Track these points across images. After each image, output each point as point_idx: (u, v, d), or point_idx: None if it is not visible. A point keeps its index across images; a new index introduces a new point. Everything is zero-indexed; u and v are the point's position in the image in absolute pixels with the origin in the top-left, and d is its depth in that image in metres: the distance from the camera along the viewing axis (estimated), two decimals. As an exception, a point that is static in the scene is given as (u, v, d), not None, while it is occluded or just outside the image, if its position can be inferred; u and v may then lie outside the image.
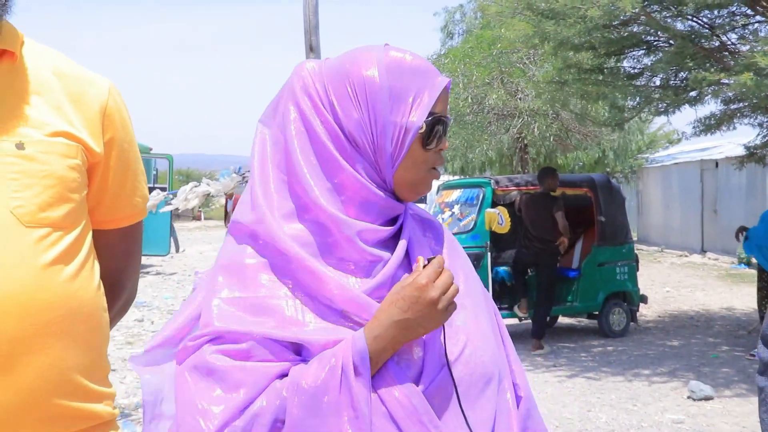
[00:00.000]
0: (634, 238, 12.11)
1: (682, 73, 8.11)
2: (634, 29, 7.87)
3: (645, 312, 10.01)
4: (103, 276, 1.48)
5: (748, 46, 7.27)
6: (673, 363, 7.31)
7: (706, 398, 6.02)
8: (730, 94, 7.75)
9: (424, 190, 1.32)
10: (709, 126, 8.80)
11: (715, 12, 7.67)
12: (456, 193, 8.94)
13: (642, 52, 8.39)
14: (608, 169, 21.43)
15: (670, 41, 7.69)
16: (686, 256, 17.89)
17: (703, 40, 7.58)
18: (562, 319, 9.62)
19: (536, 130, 14.49)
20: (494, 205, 8.41)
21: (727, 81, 6.73)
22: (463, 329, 1.28)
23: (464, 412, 1.22)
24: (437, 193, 9.51)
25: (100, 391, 1.42)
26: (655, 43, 8.20)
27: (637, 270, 8.96)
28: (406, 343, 1.20)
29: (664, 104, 8.31)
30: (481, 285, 1.42)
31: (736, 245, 13.62)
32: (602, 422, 5.55)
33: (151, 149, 16.95)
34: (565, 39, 7.58)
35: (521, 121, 14.08)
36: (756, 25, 7.89)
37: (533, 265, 8.30)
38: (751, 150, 9.81)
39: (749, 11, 7.64)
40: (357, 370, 1.14)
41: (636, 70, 8.58)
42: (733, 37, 7.91)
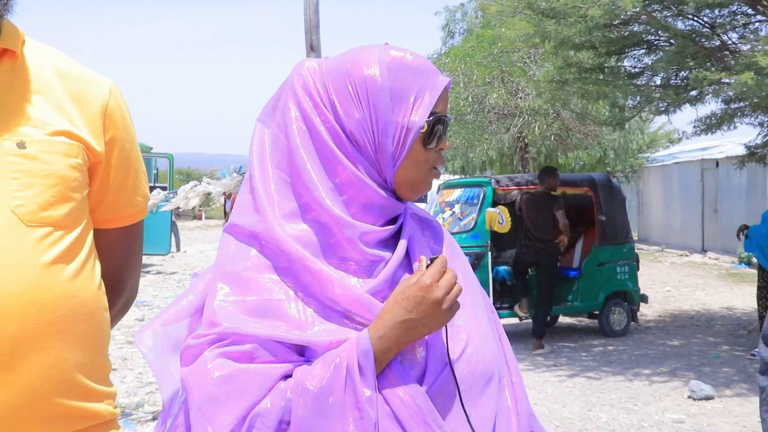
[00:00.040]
0: (635, 238, 12.11)
1: (683, 73, 8.11)
2: (635, 28, 7.87)
3: (645, 311, 10.01)
4: (104, 275, 1.48)
5: (749, 46, 7.27)
6: (673, 362, 7.31)
7: (707, 398, 6.02)
8: (731, 94, 7.75)
9: (425, 189, 1.32)
10: (710, 125, 8.81)
11: (716, 11, 7.66)
12: (456, 193, 8.93)
13: (643, 51, 8.38)
14: (609, 169, 21.41)
15: (671, 40, 7.68)
16: (687, 256, 17.89)
17: (704, 40, 7.58)
18: (563, 319, 9.62)
19: (537, 130, 14.48)
20: (495, 204, 8.41)
21: (727, 80, 6.72)
22: (464, 328, 1.28)
23: (466, 411, 1.22)
24: (438, 192, 9.50)
25: (101, 390, 1.42)
26: (655, 43, 8.19)
27: (638, 269, 8.96)
28: (410, 343, 1.20)
29: (665, 103, 8.31)
30: (478, 283, 1.42)
31: (737, 245, 13.62)
32: (603, 422, 5.54)
33: (152, 148, 16.94)
34: (566, 38, 7.58)
35: (522, 121, 14.07)
36: (757, 24, 7.89)
37: (534, 265, 8.29)
38: (752, 149, 9.81)
39: (750, 10, 7.64)
40: (362, 371, 1.13)
41: (637, 70, 8.57)
42: (734, 36, 7.92)
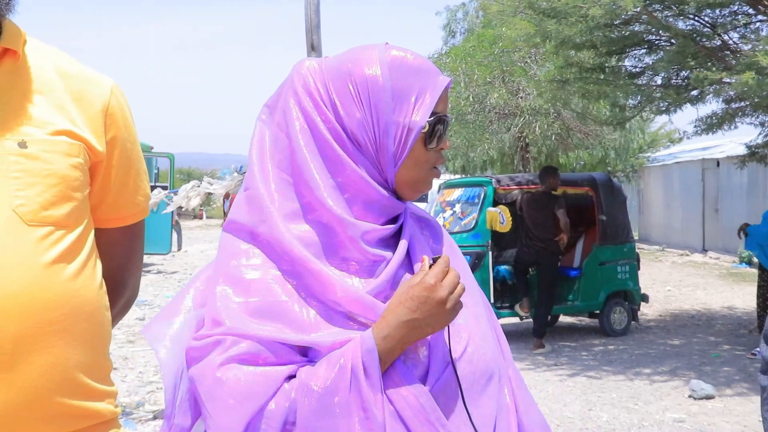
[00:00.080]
0: (636, 237, 12.10)
1: (684, 72, 8.11)
2: (636, 28, 7.87)
3: (646, 311, 10.01)
4: (105, 275, 1.48)
5: (750, 45, 7.27)
6: (674, 362, 7.31)
7: (707, 397, 6.02)
8: (732, 93, 7.75)
9: (425, 188, 1.32)
10: (711, 125, 8.81)
11: (717, 11, 7.66)
12: (457, 192, 8.93)
13: (643, 51, 8.38)
14: (609, 168, 21.40)
15: (672, 40, 7.68)
16: (687, 255, 17.88)
17: (705, 39, 7.58)
18: (564, 318, 9.62)
19: (537, 129, 14.47)
20: (495, 204, 8.41)
21: (728, 80, 6.72)
22: (464, 327, 1.28)
23: (468, 410, 1.22)
24: (438, 191, 9.50)
25: (102, 389, 1.42)
26: (656, 42, 8.19)
27: (639, 269, 8.96)
28: (413, 343, 1.20)
29: (666, 103, 8.31)
30: (475, 282, 1.42)
31: (738, 244, 13.63)
32: (603, 421, 5.54)
33: (152, 148, 16.95)
34: (567, 38, 7.58)
35: (522, 120, 14.07)
36: (758, 24, 7.89)
37: (534, 264, 8.29)
38: (753, 149, 9.81)
39: (751, 10, 7.64)
40: (366, 371, 1.13)
41: (637, 69, 8.57)
42: (735, 36, 7.92)
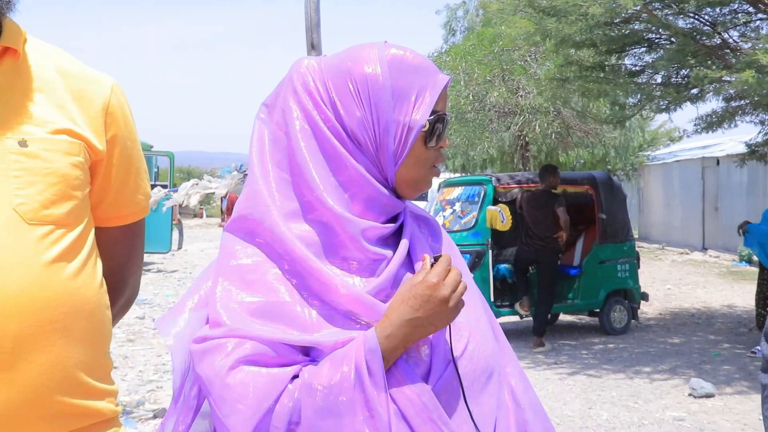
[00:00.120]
0: (635, 236, 12.10)
1: (684, 71, 8.11)
2: (636, 27, 7.87)
3: (646, 309, 10.01)
4: (106, 273, 1.48)
5: (750, 44, 7.27)
6: (674, 360, 7.31)
7: (707, 395, 6.02)
8: (732, 92, 7.75)
9: (425, 187, 1.32)
10: (711, 123, 8.81)
11: (717, 9, 7.66)
12: (457, 191, 8.93)
13: (643, 49, 8.38)
14: (609, 167, 21.40)
15: (672, 39, 7.68)
16: (687, 254, 17.89)
17: (705, 38, 7.57)
18: (563, 317, 9.62)
19: (537, 128, 14.47)
20: (495, 202, 8.41)
21: (728, 78, 6.72)
22: (465, 325, 1.28)
23: (469, 408, 1.22)
24: (438, 190, 9.50)
25: (102, 388, 1.42)
26: (656, 41, 8.19)
27: (638, 267, 8.96)
28: (415, 341, 1.20)
29: (666, 102, 8.31)
30: (472, 279, 1.42)
31: (738, 243, 13.63)
32: (603, 419, 5.55)
33: (152, 147, 16.96)
34: (567, 36, 7.58)
35: (522, 119, 14.07)
36: (757, 22, 7.88)
37: (534, 263, 8.29)
38: (753, 147, 9.81)
39: (751, 9, 7.64)
40: (370, 370, 1.13)
41: (637, 68, 8.57)
42: (735, 34, 7.91)
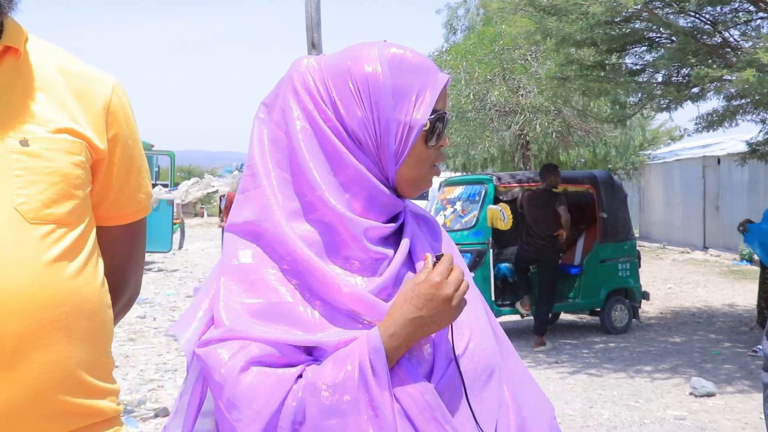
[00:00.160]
0: (636, 235, 12.10)
1: (684, 70, 8.10)
2: (636, 26, 7.87)
3: (647, 309, 10.01)
4: (107, 273, 1.47)
5: (751, 43, 7.27)
6: (675, 359, 7.31)
7: (708, 395, 6.02)
8: (733, 91, 7.74)
9: (426, 186, 1.32)
10: (712, 122, 8.80)
11: (718, 8, 7.66)
12: (458, 190, 8.93)
13: (644, 48, 8.38)
14: (610, 166, 21.40)
15: (673, 38, 7.67)
16: (688, 253, 17.89)
17: (706, 37, 7.57)
18: (564, 316, 9.62)
19: (538, 127, 14.48)
20: (496, 201, 8.42)
21: (729, 77, 6.72)
22: (466, 324, 1.28)
23: (471, 407, 1.22)
24: (439, 189, 9.50)
25: (104, 387, 1.42)
26: (657, 40, 8.19)
27: (639, 266, 8.96)
28: (419, 340, 1.20)
29: (666, 100, 8.31)
30: (471, 278, 1.42)
31: (738, 242, 13.63)
32: (604, 419, 5.54)
33: (153, 146, 16.96)
34: (567, 35, 7.58)
35: (523, 118, 14.08)
36: (758, 21, 7.88)
37: (535, 262, 8.29)
38: (753, 146, 9.81)
39: (751, 7, 7.63)
40: (374, 369, 1.13)
41: (638, 67, 8.57)
42: (736, 33, 7.91)
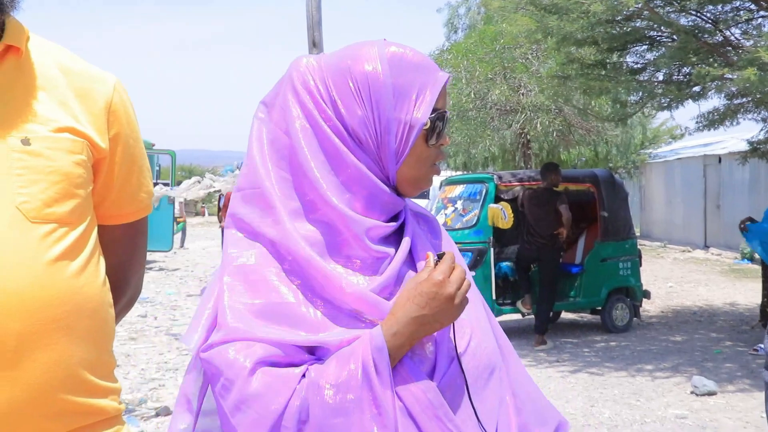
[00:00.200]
0: (637, 234, 12.10)
1: (686, 68, 8.10)
2: (637, 24, 7.86)
3: (648, 307, 10.01)
4: (108, 272, 1.47)
5: (752, 41, 7.26)
6: (676, 358, 7.31)
7: (709, 393, 6.02)
8: (734, 89, 7.73)
9: (426, 185, 1.32)
10: (713, 121, 8.79)
11: (719, 7, 7.65)
12: (459, 189, 8.93)
13: (645, 47, 8.37)
14: (611, 165, 21.40)
15: (674, 36, 7.67)
16: (689, 252, 17.88)
17: (707, 35, 7.56)
18: (565, 315, 9.62)
19: (539, 126, 14.47)
20: (497, 200, 8.42)
21: (730, 76, 6.72)
22: (467, 322, 1.28)
23: (473, 405, 1.22)
24: (440, 188, 9.50)
25: (105, 386, 1.42)
26: (658, 38, 8.18)
27: (640, 265, 8.96)
28: (421, 339, 1.20)
29: (667, 99, 8.30)
30: (471, 277, 1.43)
31: (739, 241, 13.62)
32: (605, 417, 5.55)
33: (154, 145, 16.96)
34: (568, 34, 7.57)
35: (524, 117, 14.07)
36: (759, 20, 7.87)
37: (536, 261, 8.29)
38: (755, 145, 9.80)
39: (753, 6, 7.63)
40: (377, 368, 1.14)
41: (639, 65, 8.56)
42: (737, 32, 7.90)
